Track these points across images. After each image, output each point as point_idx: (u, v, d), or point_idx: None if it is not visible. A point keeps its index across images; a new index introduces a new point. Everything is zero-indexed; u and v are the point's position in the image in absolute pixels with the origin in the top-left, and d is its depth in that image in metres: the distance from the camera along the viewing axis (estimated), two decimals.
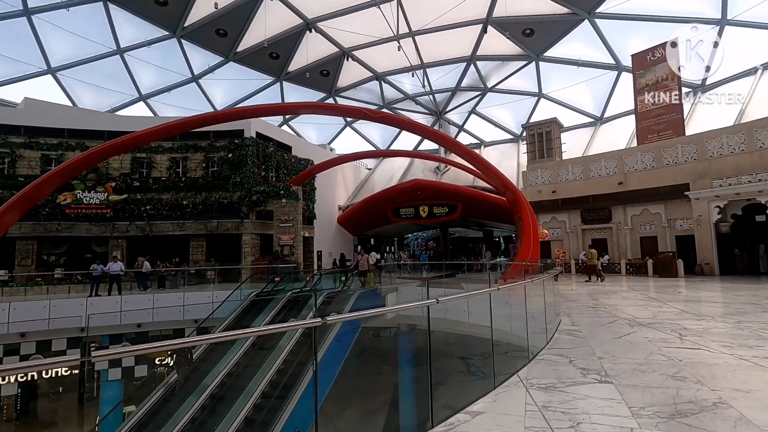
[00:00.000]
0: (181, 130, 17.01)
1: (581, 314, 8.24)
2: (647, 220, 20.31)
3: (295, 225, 21.06)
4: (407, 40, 29.02)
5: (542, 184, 23.92)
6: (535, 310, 6.03)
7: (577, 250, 22.30)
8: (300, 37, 29.20)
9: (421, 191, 28.10)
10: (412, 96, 35.08)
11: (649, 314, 7.93)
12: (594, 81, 29.31)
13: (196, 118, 16.92)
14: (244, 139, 21.79)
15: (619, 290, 12.87)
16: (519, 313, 5.70)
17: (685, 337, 5.84)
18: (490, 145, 36.80)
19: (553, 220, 23.45)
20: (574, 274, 20.70)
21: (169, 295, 16.36)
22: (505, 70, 31.55)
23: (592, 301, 10.32)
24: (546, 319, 6.06)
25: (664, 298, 10.40)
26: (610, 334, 6.23)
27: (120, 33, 27.60)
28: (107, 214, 20.61)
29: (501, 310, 5.60)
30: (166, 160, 21.86)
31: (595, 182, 21.96)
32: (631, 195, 20.55)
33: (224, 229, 21.49)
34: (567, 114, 30.72)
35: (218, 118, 16.18)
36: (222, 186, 21.57)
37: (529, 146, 25.55)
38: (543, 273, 7.60)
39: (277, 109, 18.96)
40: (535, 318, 5.88)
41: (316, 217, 27.12)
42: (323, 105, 19.45)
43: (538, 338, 5.67)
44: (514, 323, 5.77)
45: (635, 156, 20.82)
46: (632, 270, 19.16)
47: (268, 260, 20.73)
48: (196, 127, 15.72)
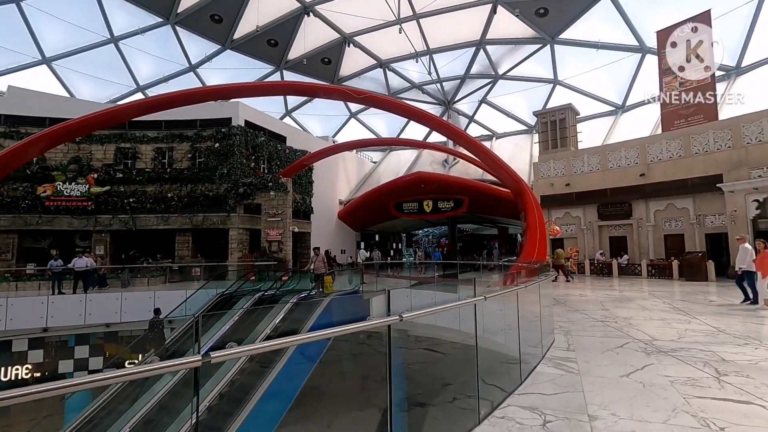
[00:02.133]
0: (162, 107, 15.35)
1: (583, 331, 6.48)
2: (673, 216, 18.11)
3: (284, 219, 19.66)
4: (411, 24, 27.22)
5: (555, 176, 21.87)
6: (516, 327, 4.38)
7: (593, 248, 20.24)
8: (298, 22, 27.74)
9: (425, 185, 26.39)
10: (418, 85, 33.26)
11: (672, 333, 6.12)
12: (615, 65, 26.93)
13: (174, 95, 15.40)
14: (232, 127, 20.49)
15: (638, 297, 10.96)
16: (489, 338, 4.05)
17: (725, 376, 4.07)
18: (502, 137, 34.69)
19: (566, 215, 21.40)
20: (589, 275, 18.68)
21: (139, 293, 15.19)
22: (518, 55, 29.41)
23: (602, 311, 8.50)
24: (524, 347, 4.37)
25: (693, 309, 8.50)
26: (616, 367, 4.50)
27: (113, 20, 26.72)
28: (88, 207, 19.63)
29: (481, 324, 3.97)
30: (151, 150, 20.76)
31: (614, 174, 19.82)
32: (655, 188, 18.37)
33: (210, 224, 20.28)
34: (585, 102, 28.40)
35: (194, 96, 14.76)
36: (208, 178, 20.35)
37: (542, 135, 23.49)
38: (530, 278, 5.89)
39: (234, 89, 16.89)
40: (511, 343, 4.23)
41: (314, 212, 25.74)
42: (301, 85, 17.91)
43: (509, 374, 4.00)
44: (483, 348, 4.10)
45: (660, 144, 18.60)
46: (655, 272, 17.06)
47: (255, 257, 19.44)
48: (174, 104, 14.31)
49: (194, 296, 13.15)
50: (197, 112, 21.61)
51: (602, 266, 18.61)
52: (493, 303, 4.42)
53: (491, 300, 4.08)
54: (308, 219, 25.37)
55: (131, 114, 15.20)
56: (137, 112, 14.94)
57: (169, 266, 18.91)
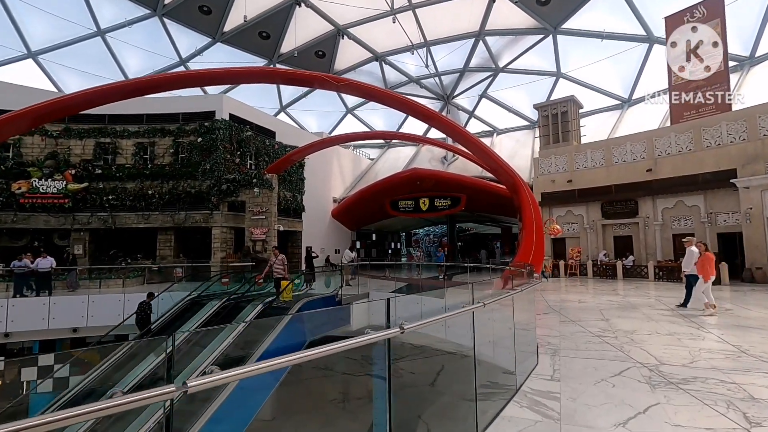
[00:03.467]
0: (135, 92, 14.09)
1: (576, 350, 5.40)
2: (682, 214, 16.90)
3: (269, 218, 18.68)
4: (407, 14, 26.15)
5: (556, 172, 20.70)
6: (488, 352, 3.35)
7: (596, 248, 19.07)
8: (290, 13, 26.76)
9: (421, 181, 25.31)
10: (416, 79, 32.14)
11: (683, 355, 5.03)
12: (621, 56, 25.66)
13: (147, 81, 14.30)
14: (215, 121, 19.53)
15: (644, 303, 9.83)
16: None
17: (758, 427, 2.99)
18: (503, 133, 33.50)
19: (568, 213, 20.23)
20: (591, 277, 17.52)
21: (110, 296, 14.28)
22: (519, 47, 28.20)
23: (601, 322, 7.41)
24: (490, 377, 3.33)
25: (706, 320, 7.38)
26: (611, 408, 3.42)
27: (99, 12, 25.90)
28: (65, 205, 18.79)
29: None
30: (131, 145, 19.88)
31: (619, 169, 18.63)
32: (663, 184, 17.17)
33: (192, 222, 19.36)
34: (589, 96, 27.15)
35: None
36: (190, 174, 19.43)
37: (543, 129, 22.32)
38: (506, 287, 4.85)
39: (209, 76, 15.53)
40: (475, 373, 3.18)
41: (305, 210, 24.77)
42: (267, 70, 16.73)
43: (465, 421, 2.97)
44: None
45: (668, 137, 17.39)
46: (662, 274, 15.87)
47: (238, 257, 18.49)
48: (146, 90, 13.19)
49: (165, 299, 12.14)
50: (180, 105, 20.77)
51: (606, 268, 17.44)
52: (460, 319, 3.40)
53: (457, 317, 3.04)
54: (299, 217, 24.41)
55: (112, 97, 13.65)
56: (118, 95, 13.46)
57: (147, 266, 18.02)
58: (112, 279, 16.35)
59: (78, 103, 11.86)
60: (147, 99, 22.77)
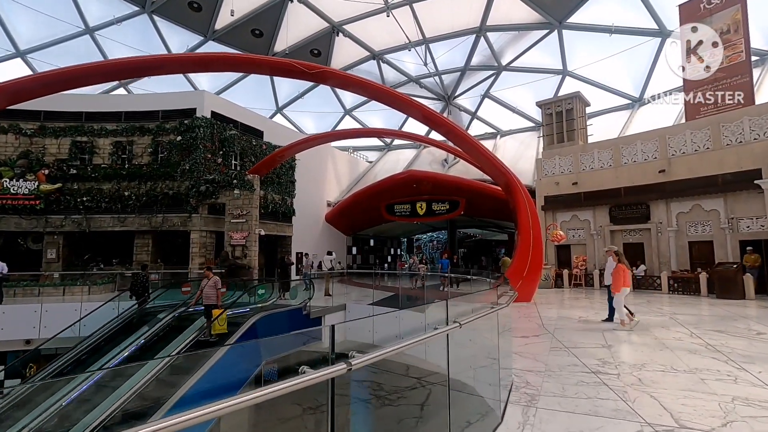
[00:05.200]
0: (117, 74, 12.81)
1: (562, 396, 3.99)
2: (699, 220, 15.29)
3: (249, 221, 17.48)
4: (404, 9, 24.96)
5: (561, 173, 19.21)
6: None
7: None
8: (282, 9, 25.77)
9: (418, 184, 24.01)
10: (415, 78, 30.89)
11: (712, 410, 3.59)
12: (631, 52, 24.08)
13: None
14: (195, 118, 18.45)
15: (657, 323, 8.33)
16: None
17: None
18: (507, 135, 32.01)
19: (573, 218, 18.69)
20: (598, 288, 15.94)
21: (67, 304, 13.13)
22: (522, 43, 26.80)
23: (603, 349, 5.97)
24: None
25: (736, 349, 5.89)
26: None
27: (86, 10, 25.17)
28: (36, 206, 17.81)
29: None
30: (109, 144, 18.90)
31: (629, 171, 17.09)
32: (677, 186, 15.60)
33: (170, 225, 18.25)
34: (597, 94, 25.59)
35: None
36: (169, 174, 18.35)
37: (546, 128, 20.85)
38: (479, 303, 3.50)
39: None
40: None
41: (296, 214, 23.58)
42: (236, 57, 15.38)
43: None
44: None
45: (683, 135, 15.82)
46: (678, 286, 14.26)
47: (215, 263, 17.29)
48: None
49: (111, 310, 10.92)
50: (159, 102, 19.80)
51: None
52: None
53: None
54: (289, 221, 23.22)
55: (83, 79, 12.24)
56: (93, 76, 12.12)
57: (118, 273, 16.92)
58: (77, 286, 15.23)
59: (53, 82, 10.74)
60: (126, 96, 22.02)
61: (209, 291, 8.63)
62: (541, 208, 19.16)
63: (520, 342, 6.50)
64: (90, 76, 11.19)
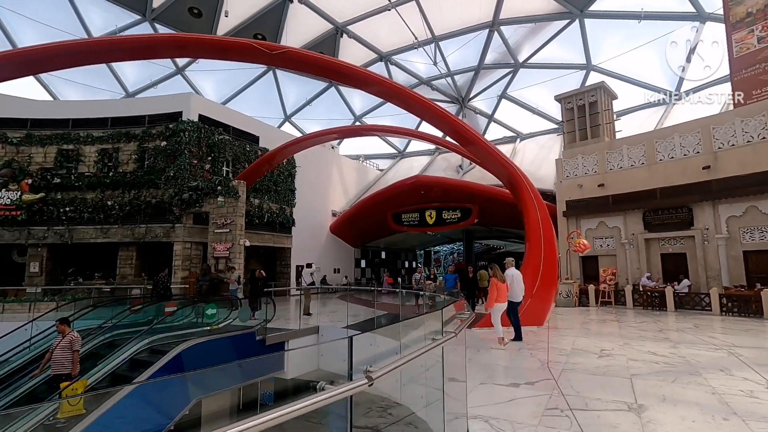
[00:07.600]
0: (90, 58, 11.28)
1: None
2: (756, 224, 12.64)
3: (233, 230, 15.99)
4: (411, 6, 23.43)
5: (584, 175, 16.86)
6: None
7: (638, 270, 14.94)
8: (283, 12, 24.76)
9: (426, 191, 22.11)
10: (426, 80, 29.18)
11: None
12: (664, 40, 21.50)
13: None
14: (180, 122, 17.30)
15: (709, 361, 6.05)
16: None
17: None
18: (528, 138, 29.67)
19: (601, 226, 16.24)
20: (631, 308, 13.41)
21: (12, 323, 11.87)
22: (540, 37, 24.68)
23: (628, 413, 3.86)
24: None
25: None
26: None
27: (88, 19, 24.93)
28: (18, 217, 16.98)
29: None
30: (95, 152, 18.03)
31: (666, 168, 14.61)
32: (726, 185, 13.04)
33: (153, 236, 17.02)
34: (628, 90, 23.07)
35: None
36: (153, 182, 17.21)
37: (567, 125, 18.58)
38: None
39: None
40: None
41: (295, 224, 22.08)
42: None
43: None
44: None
45: (731, 125, 13.30)
46: (732, 306, 11.64)
47: (197, 277, 15.84)
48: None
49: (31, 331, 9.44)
50: (146, 106, 18.86)
51: (651, 296, 13.30)
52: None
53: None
54: (288, 232, 21.74)
55: (50, 61, 10.90)
56: (59, 58, 10.78)
57: (96, 287, 15.75)
58: (44, 302, 14.04)
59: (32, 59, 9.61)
60: (113, 101, 21.15)
61: (60, 354, 5.90)
62: (563, 214, 16.84)
63: (503, 395, 4.46)
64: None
